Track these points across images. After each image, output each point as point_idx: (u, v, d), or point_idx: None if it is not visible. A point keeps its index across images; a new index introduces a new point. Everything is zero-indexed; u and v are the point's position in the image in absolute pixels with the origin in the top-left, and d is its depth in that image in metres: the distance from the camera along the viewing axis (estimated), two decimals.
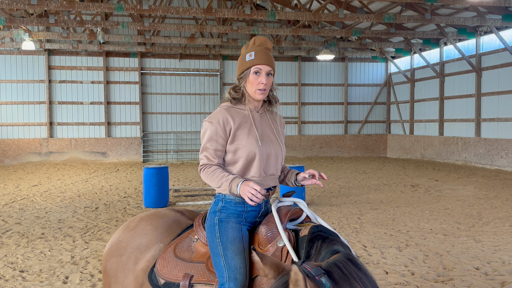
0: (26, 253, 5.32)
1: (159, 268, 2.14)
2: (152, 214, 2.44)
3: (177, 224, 2.34)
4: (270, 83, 2.16)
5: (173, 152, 18.45)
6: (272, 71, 2.16)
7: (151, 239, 2.27)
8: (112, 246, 2.37)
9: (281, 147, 2.23)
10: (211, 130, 2.12)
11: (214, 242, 2.04)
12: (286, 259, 1.89)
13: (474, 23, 12.98)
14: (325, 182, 11.37)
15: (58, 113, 17.58)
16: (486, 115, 14.81)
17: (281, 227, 1.96)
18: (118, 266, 2.27)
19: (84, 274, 4.58)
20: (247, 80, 2.14)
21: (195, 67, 18.67)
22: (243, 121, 2.14)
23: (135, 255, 2.25)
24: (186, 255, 2.15)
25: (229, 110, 2.16)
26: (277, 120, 2.30)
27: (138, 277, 2.20)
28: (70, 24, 13.25)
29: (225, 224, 2.07)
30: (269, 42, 2.22)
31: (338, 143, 19.79)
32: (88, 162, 17.42)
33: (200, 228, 2.21)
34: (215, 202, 2.16)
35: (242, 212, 2.11)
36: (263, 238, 2.01)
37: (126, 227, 2.42)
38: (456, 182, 11.28)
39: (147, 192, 8.12)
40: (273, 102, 2.27)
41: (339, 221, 6.90)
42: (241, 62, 2.17)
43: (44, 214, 7.58)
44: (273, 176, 2.20)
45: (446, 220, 7.02)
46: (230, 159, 2.15)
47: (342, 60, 19.81)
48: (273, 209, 2.07)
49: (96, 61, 17.84)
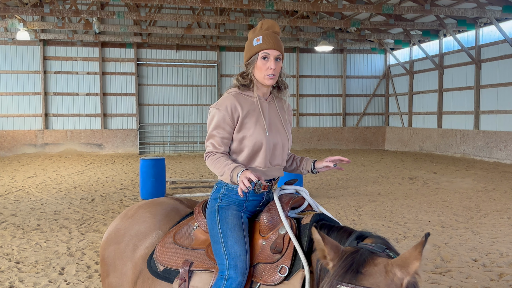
0: (22, 245, 5.30)
1: (158, 254, 2.12)
2: (150, 202, 2.42)
3: (176, 212, 2.32)
4: (279, 68, 2.10)
5: (169, 144, 18.37)
6: (281, 56, 2.10)
7: (150, 226, 2.25)
8: (110, 234, 2.35)
9: (288, 136, 2.19)
10: (218, 117, 2.07)
11: (214, 229, 2.03)
12: (288, 246, 1.87)
13: (474, 14, 12.86)
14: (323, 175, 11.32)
15: (53, 104, 17.43)
16: (485, 107, 14.75)
17: (283, 215, 1.94)
18: (116, 254, 2.25)
19: (80, 265, 4.57)
20: (255, 66, 2.09)
21: (192, 58, 18.50)
22: (251, 109, 2.09)
23: (133, 243, 2.23)
24: (185, 242, 2.13)
25: (237, 96, 2.11)
26: (285, 108, 2.25)
27: (137, 264, 2.18)
28: (65, 14, 13.07)
29: (225, 211, 2.05)
30: (277, 26, 2.16)
31: (336, 136, 19.74)
32: (84, 154, 17.32)
33: (200, 215, 2.19)
34: (217, 189, 2.13)
35: (243, 201, 2.08)
36: (265, 225, 2.00)
37: (124, 215, 2.40)
38: (454, 174, 11.28)
39: (144, 184, 8.08)
40: (282, 88, 2.21)
41: (337, 213, 6.91)
42: (248, 47, 2.12)
43: (40, 206, 7.54)
44: (278, 167, 2.17)
45: (444, 212, 7.01)
46: (235, 147, 2.12)
47: (341, 52, 19.68)
48: (275, 197, 2.05)
49: (91, 51, 17.65)
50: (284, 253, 1.88)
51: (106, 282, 2.29)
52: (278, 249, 1.89)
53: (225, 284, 1.89)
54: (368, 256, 1.45)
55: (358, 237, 1.66)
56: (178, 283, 2.02)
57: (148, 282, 2.11)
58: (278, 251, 1.88)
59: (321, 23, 14.40)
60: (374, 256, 1.45)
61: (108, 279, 2.27)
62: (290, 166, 2.34)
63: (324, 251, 1.49)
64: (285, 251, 1.88)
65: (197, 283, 2.00)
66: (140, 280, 2.14)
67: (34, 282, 4.12)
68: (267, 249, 1.94)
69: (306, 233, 1.87)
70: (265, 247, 1.95)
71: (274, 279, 1.84)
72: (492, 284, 4.05)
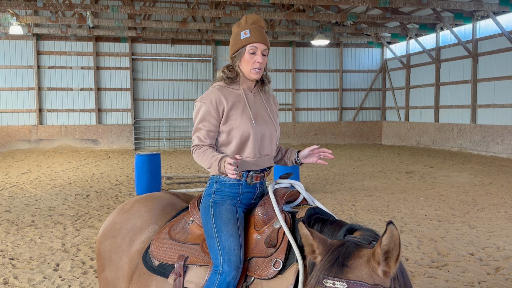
0: (16, 241, 5.26)
1: (153, 249, 2.13)
2: (146, 197, 2.42)
3: (172, 206, 2.32)
4: (265, 63, 2.13)
5: (165, 139, 18.27)
6: (267, 50, 2.12)
7: (146, 220, 2.25)
8: (106, 228, 2.35)
9: (276, 127, 2.20)
10: (204, 110, 2.08)
11: (208, 224, 2.03)
12: (282, 240, 1.88)
13: (471, 7, 12.80)
14: (319, 169, 11.31)
15: (47, 100, 17.27)
16: (482, 101, 14.74)
17: (278, 209, 1.95)
18: (112, 248, 2.25)
19: (75, 261, 4.54)
20: (242, 59, 2.10)
21: (187, 52, 18.35)
22: (237, 101, 2.10)
23: (129, 237, 2.23)
24: (181, 236, 2.13)
25: (222, 90, 2.12)
26: (271, 100, 2.26)
27: (133, 258, 2.18)
28: (59, 8, 12.92)
29: (219, 206, 2.05)
30: (262, 21, 2.17)
31: (332, 130, 19.70)
32: (79, 149, 17.21)
33: (195, 210, 2.19)
34: (210, 185, 2.14)
35: (237, 194, 2.09)
36: (259, 219, 2.00)
37: (121, 209, 2.40)
38: (451, 168, 11.27)
39: (139, 180, 8.04)
40: (266, 82, 2.22)
41: (333, 208, 6.89)
42: (235, 40, 2.12)
43: (34, 202, 7.49)
44: (268, 157, 2.17)
45: (441, 206, 7.00)
46: (224, 139, 2.13)
47: (337, 46, 19.58)
48: (269, 190, 2.04)
49: (85, 46, 17.47)
50: (278, 247, 1.88)
51: (102, 276, 2.29)
52: (272, 243, 1.89)
53: (219, 278, 1.89)
54: (354, 248, 1.44)
55: (347, 230, 1.65)
56: (173, 278, 2.02)
57: (144, 277, 2.11)
58: (273, 245, 1.89)
59: (317, 16, 14.30)
60: (360, 248, 1.44)
61: (104, 273, 2.27)
62: (276, 157, 2.35)
63: (313, 245, 1.48)
64: (279, 245, 1.88)
65: (192, 277, 2.00)
66: (136, 274, 2.14)
67: (28, 278, 4.09)
68: (261, 243, 1.94)
69: None
70: (260, 241, 1.95)
71: (268, 273, 1.85)
72: (489, 278, 4.03)
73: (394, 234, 1.34)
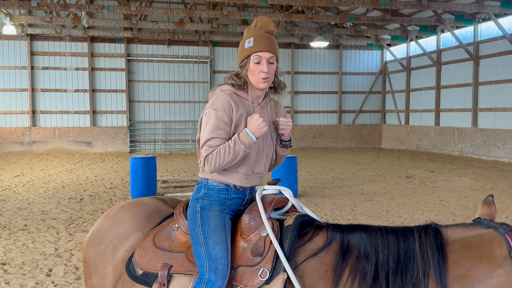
0: (8, 245, 5.17)
1: (137, 258, 2.08)
2: (132, 202, 2.37)
3: (158, 213, 2.26)
4: (273, 70, 2.04)
5: (161, 142, 18.06)
6: (274, 57, 2.03)
7: (130, 227, 2.21)
8: (91, 234, 2.31)
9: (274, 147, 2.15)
10: (217, 118, 1.99)
11: (195, 231, 1.98)
12: (269, 249, 1.85)
13: (472, 9, 12.66)
14: (318, 173, 11.13)
15: (41, 101, 17.06)
16: (483, 104, 14.57)
17: (265, 216, 1.91)
18: (97, 256, 2.21)
19: (69, 266, 4.48)
20: (248, 69, 2.04)
21: (184, 53, 18.16)
22: (244, 112, 2.05)
23: (113, 244, 2.19)
24: (165, 244, 2.09)
25: (232, 96, 2.04)
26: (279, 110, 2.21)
27: (117, 267, 2.14)
28: (53, 8, 12.78)
29: (207, 212, 2.01)
30: (271, 24, 2.07)
31: (331, 133, 19.51)
32: (73, 152, 17.00)
33: (181, 216, 2.14)
34: (198, 189, 2.10)
35: (225, 200, 2.05)
36: (246, 227, 1.97)
37: (106, 215, 2.36)
38: (452, 173, 11.12)
39: (134, 183, 7.94)
40: (279, 89, 2.14)
41: (332, 213, 6.74)
42: (241, 49, 2.07)
43: (27, 206, 7.39)
44: (259, 175, 2.13)
45: (441, 211, 6.88)
46: None
47: (337, 48, 19.42)
48: (257, 197, 2.01)
49: (80, 46, 17.28)
50: (265, 256, 1.84)
51: (88, 284, 2.26)
52: (259, 252, 1.85)
53: (204, 287, 1.84)
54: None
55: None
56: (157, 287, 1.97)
57: (127, 286, 2.08)
58: (259, 253, 1.85)
59: (317, 18, 14.15)
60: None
61: (90, 280, 2.24)
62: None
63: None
64: (266, 253, 1.84)
65: (176, 287, 1.96)
66: (119, 283, 2.11)
67: (20, 284, 4.02)
68: (248, 252, 1.90)
69: (288, 235, 1.83)
70: (246, 250, 1.91)
71: (255, 283, 1.81)
72: None
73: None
